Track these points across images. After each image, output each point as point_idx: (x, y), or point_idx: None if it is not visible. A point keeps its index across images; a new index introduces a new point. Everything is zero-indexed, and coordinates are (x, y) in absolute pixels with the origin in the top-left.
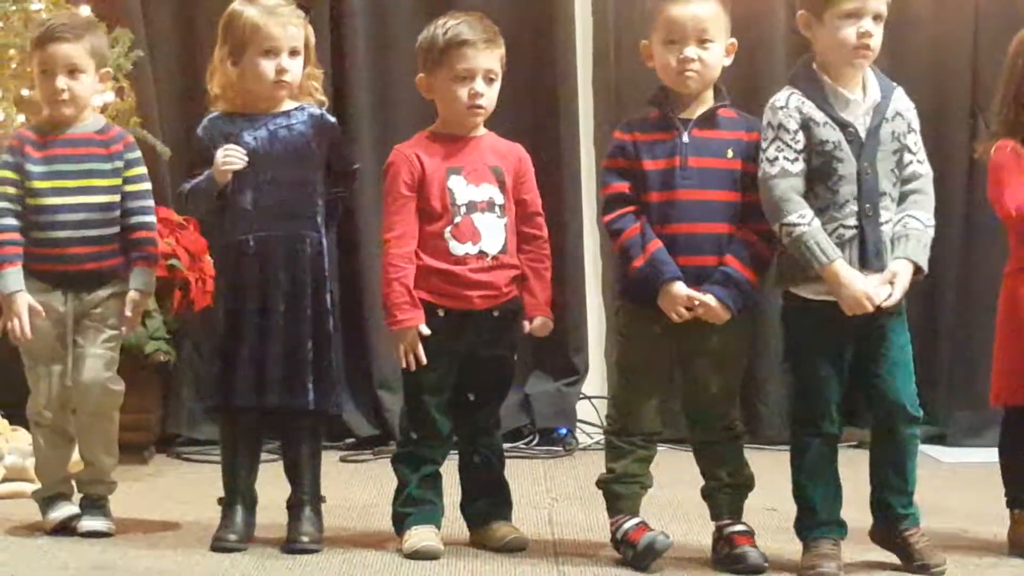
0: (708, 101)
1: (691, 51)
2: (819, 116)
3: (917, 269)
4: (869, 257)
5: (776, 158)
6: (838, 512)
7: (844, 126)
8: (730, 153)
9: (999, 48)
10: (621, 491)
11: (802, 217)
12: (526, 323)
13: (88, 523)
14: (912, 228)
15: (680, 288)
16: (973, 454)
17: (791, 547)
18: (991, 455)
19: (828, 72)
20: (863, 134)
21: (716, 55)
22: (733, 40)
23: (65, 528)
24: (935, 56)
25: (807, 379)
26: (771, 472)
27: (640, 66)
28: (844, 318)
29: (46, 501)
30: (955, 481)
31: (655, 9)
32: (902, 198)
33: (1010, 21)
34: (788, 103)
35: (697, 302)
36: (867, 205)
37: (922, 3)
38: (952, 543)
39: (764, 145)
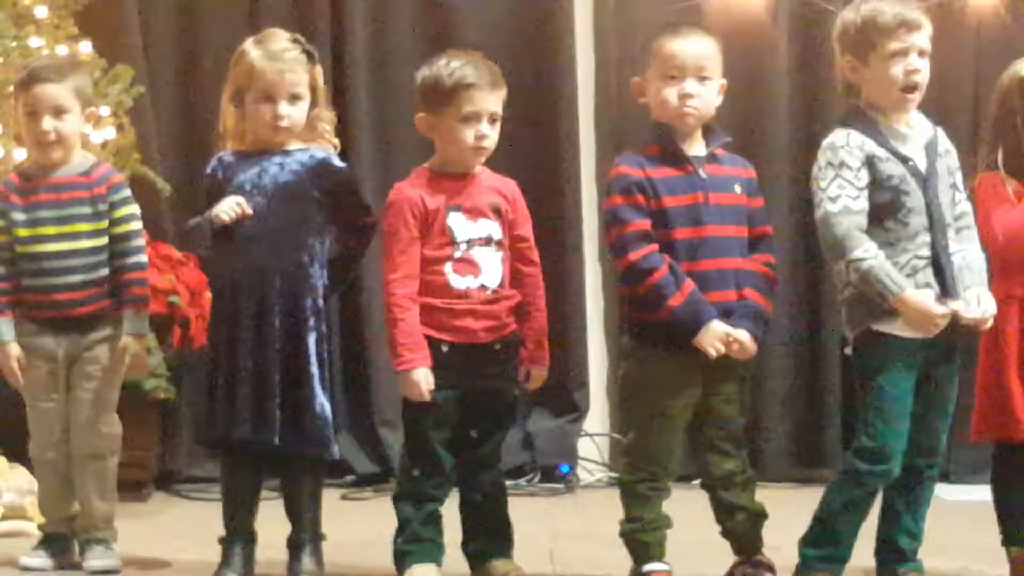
0: (699, 138)
1: (691, 86)
2: (881, 152)
3: None
4: (948, 285)
5: (838, 196)
6: (851, 551)
7: (905, 160)
8: (738, 188)
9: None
10: (649, 539)
11: (867, 251)
12: (522, 371)
13: (94, 562)
14: (972, 260)
15: (719, 326)
16: (976, 491)
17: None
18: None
19: (880, 112)
20: (923, 167)
21: (713, 92)
22: (724, 81)
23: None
24: (937, 94)
25: (887, 417)
26: (773, 509)
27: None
28: (922, 356)
29: (42, 540)
30: (957, 519)
31: (653, 45)
32: (955, 233)
33: (1012, 58)
34: (849, 141)
35: (732, 338)
36: (940, 235)
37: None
38: None
39: (824, 184)
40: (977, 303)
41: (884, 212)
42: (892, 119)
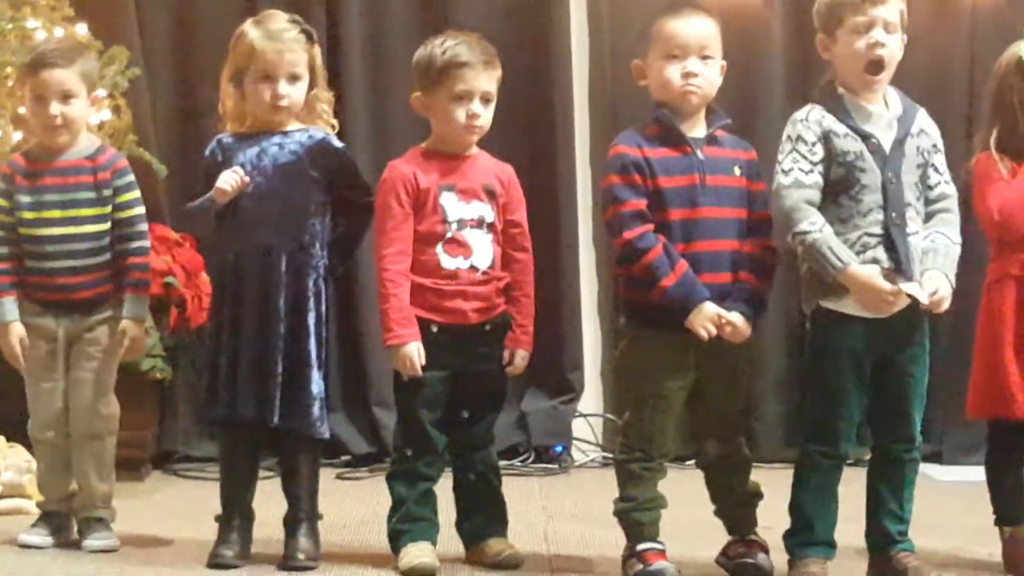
0: (702, 120)
1: (694, 64)
2: (840, 128)
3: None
4: (903, 265)
5: (791, 169)
6: (832, 533)
7: (866, 137)
8: (737, 171)
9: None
10: (643, 518)
11: (812, 224)
12: (506, 354)
13: (94, 542)
14: (940, 244)
15: (711, 307)
16: (968, 472)
17: (783, 566)
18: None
19: (848, 88)
20: (887, 146)
21: (715, 71)
22: (724, 62)
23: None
24: (932, 76)
25: (830, 398)
26: (767, 490)
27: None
28: (875, 337)
29: (41, 518)
30: (950, 500)
31: (654, 26)
32: (929, 216)
33: (1007, 40)
34: (808, 116)
35: (724, 320)
36: (893, 214)
37: (919, 22)
38: (946, 562)
39: (781, 157)
40: (931, 287)
41: (838, 187)
42: (861, 96)
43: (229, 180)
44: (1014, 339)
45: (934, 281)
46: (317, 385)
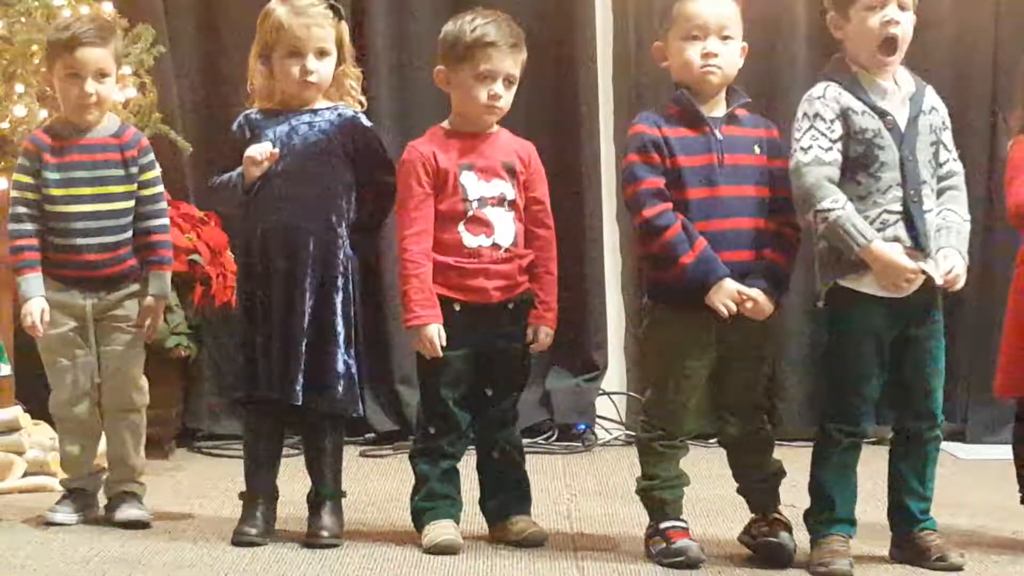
0: (722, 100)
1: (714, 45)
2: (857, 105)
3: None
4: (920, 240)
5: (810, 146)
6: (852, 510)
7: (883, 115)
8: (757, 149)
9: (1019, 47)
10: (667, 496)
11: (835, 202)
12: (530, 331)
13: (130, 512)
14: (952, 221)
15: (731, 284)
16: (992, 451)
17: (805, 545)
18: (1009, 452)
19: (861, 66)
20: (902, 123)
21: (735, 52)
22: (745, 44)
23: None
24: (956, 55)
25: (848, 376)
26: (790, 468)
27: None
28: (893, 315)
29: (65, 495)
30: (973, 478)
31: (674, 8)
32: (939, 193)
33: None
34: (825, 93)
35: (745, 297)
36: (911, 191)
37: (943, 5)
38: (970, 540)
39: (798, 135)
40: (946, 265)
41: (857, 165)
42: (874, 73)
43: (261, 150)
44: None
45: (949, 259)
46: (343, 364)
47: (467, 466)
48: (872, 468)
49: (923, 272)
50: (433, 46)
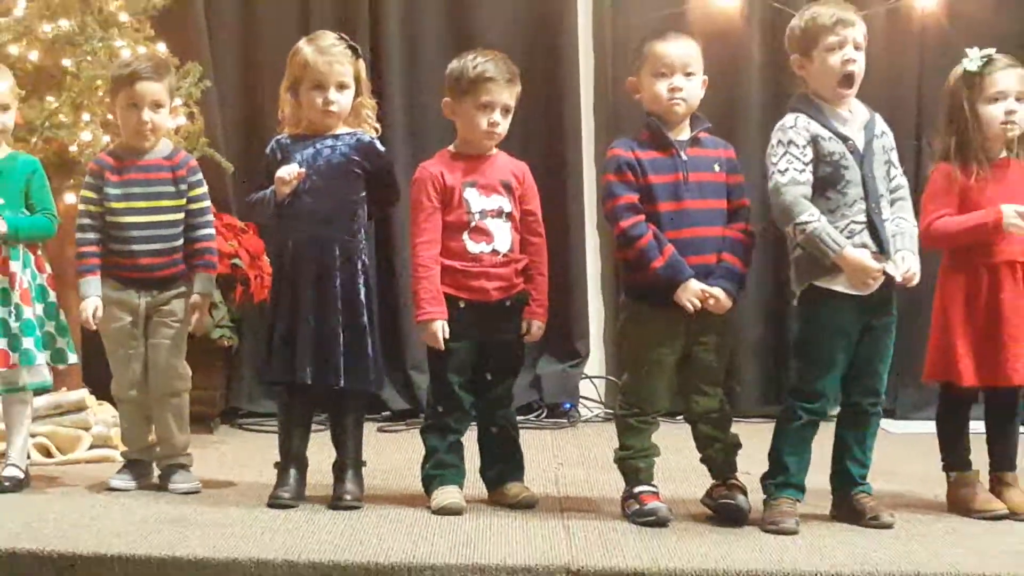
0: (687, 126)
1: (679, 81)
2: (824, 132)
3: None
4: (884, 245)
5: (787, 169)
6: (803, 479)
7: (845, 139)
8: (717, 167)
9: (940, 78)
10: (640, 465)
11: (811, 216)
12: (524, 324)
13: (180, 485)
14: (905, 228)
15: (696, 284)
16: (917, 426)
17: (759, 506)
18: (932, 427)
19: (822, 98)
20: (861, 146)
21: (697, 85)
22: (706, 77)
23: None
24: (884, 86)
25: (821, 363)
26: (745, 441)
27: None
28: (859, 310)
29: (125, 465)
30: (902, 450)
31: (644, 48)
32: (891, 203)
33: (951, 56)
34: (796, 123)
35: (707, 295)
36: (872, 204)
37: (875, 42)
38: (899, 502)
39: (775, 159)
40: (904, 266)
41: (826, 184)
42: (834, 104)
43: (289, 171)
44: (962, 318)
45: (907, 261)
46: (373, 349)
47: (470, 440)
48: (819, 441)
49: (885, 272)
50: (440, 81)
